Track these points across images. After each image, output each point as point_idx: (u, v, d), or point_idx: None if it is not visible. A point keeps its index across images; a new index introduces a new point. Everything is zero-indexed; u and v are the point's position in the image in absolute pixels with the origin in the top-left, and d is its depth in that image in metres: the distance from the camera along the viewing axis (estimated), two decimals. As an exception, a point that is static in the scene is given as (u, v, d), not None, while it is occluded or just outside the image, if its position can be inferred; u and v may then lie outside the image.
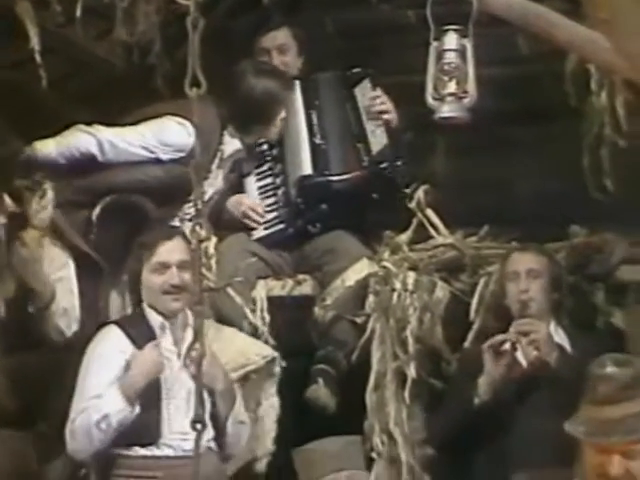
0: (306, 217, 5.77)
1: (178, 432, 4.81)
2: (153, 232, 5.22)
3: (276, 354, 5.23)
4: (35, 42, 5.25)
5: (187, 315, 4.91)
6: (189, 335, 4.89)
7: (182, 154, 5.50)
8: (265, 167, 5.91)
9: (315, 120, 5.89)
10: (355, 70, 5.96)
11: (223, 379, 4.76)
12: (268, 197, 5.86)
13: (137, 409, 4.82)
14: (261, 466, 5.17)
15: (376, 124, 5.86)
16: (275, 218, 5.81)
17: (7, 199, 5.18)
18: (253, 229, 5.79)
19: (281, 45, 5.96)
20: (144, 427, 4.86)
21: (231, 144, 5.73)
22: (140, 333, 4.98)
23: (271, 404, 5.22)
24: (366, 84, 5.94)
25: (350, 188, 5.78)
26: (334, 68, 6.02)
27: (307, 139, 5.86)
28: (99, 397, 4.80)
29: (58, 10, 5.21)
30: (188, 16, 3.25)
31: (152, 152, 5.57)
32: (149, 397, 4.87)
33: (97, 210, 5.52)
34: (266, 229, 5.80)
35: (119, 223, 5.54)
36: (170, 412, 4.89)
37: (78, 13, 5.20)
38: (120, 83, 5.92)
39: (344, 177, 5.79)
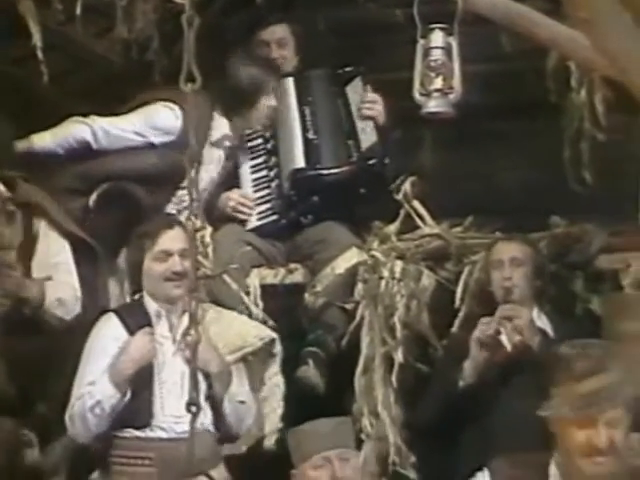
0: (298, 209, 5.76)
1: (171, 415, 4.83)
2: (154, 221, 5.23)
3: (274, 335, 5.23)
4: (37, 39, 5.25)
5: (185, 302, 4.91)
6: (185, 321, 4.90)
7: (172, 137, 5.54)
8: (260, 160, 5.90)
9: (308, 115, 5.88)
10: (347, 69, 5.95)
11: (217, 362, 4.76)
12: (262, 189, 5.85)
13: (128, 394, 4.84)
14: (270, 443, 5.17)
15: (366, 122, 5.85)
16: (268, 209, 5.80)
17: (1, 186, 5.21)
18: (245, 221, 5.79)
19: (280, 39, 5.96)
20: (137, 410, 4.87)
21: (219, 129, 5.73)
22: (136, 321, 4.99)
23: (275, 383, 5.23)
24: (357, 82, 5.94)
25: (341, 181, 5.78)
26: (325, 65, 6.02)
27: (300, 134, 5.84)
28: (93, 384, 4.82)
29: (59, 8, 5.21)
30: (184, 14, 3.26)
31: (144, 136, 5.62)
32: (142, 381, 4.88)
33: (94, 197, 5.53)
34: (259, 220, 5.79)
35: (114, 210, 5.54)
36: (163, 395, 4.90)
37: (78, 11, 5.20)
38: (119, 79, 5.92)
39: (335, 171, 5.79)
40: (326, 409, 4.99)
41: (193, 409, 3.53)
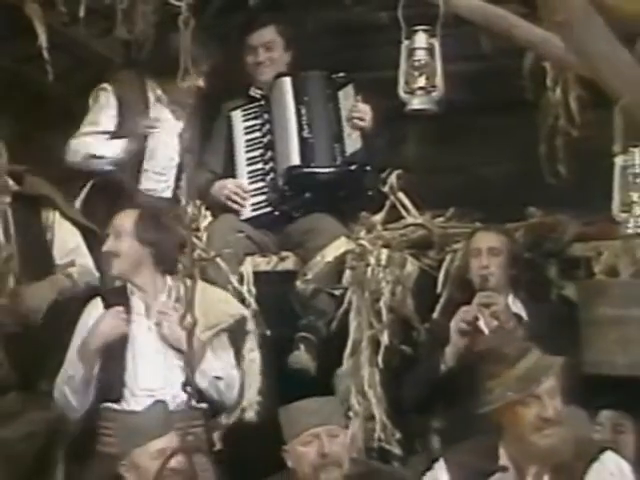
0: (291, 203, 5.75)
1: (145, 389, 4.85)
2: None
3: (246, 313, 5.17)
4: (43, 40, 5.25)
5: (163, 281, 4.96)
6: (161, 299, 4.94)
7: (113, 112, 5.59)
8: (256, 153, 5.87)
9: (304, 115, 5.83)
10: (341, 74, 5.91)
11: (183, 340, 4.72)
12: (257, 181, 5.83)
13: (95, 369, 4.89)
14: (250, 415, 5.15)
15: (351, 131, 5.83)
16: (263, 201, 5.78)
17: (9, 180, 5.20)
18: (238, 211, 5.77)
19: (267, 42, 5.89)
20: (111, 384, 4.93)
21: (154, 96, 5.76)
22: (116, 302, 5.03)
23: (252, 358, 5.18)
24: (350, 89, 5.90)
25: (332, 180, 5.77)
26: (316, 65, 5.98)
27: (296, 132, 5.79)
28: (68, 361, 4.91)
29: (63, 11, 5.20)
30: (180, 16, 3.26)
31: (104, 130, 5.62)
32: (114, 357, 4.93)
33: (87, 186, 5.62)
34: (253, 211, 5.78)
35: (105, 197, 5.58)
36: (137, 371, 4.93)
37: (81, 13, 5.19)
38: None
39: (327, 171, 5.77)
40: (317, 389, 5.00)
41: (188, 389, 3.53)
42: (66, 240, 5.34)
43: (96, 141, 5.63)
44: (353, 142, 5.81)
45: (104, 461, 4.70)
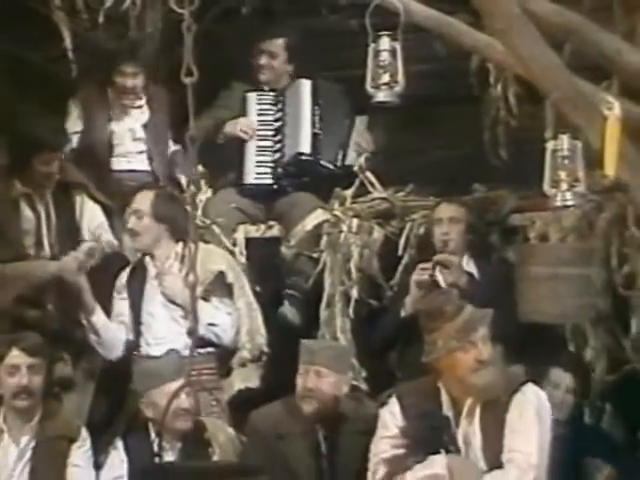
0: (290, 181, 5.74)
1: (155, 338, 4.87)
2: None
3: (222, 268, 5.06)
4: (68, 43, 5.24)
5: (174, 248, 4.94)
6: (168, 263, 4.95)
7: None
8: (267, 133, 5.81)
9: (317, 114, 5.78)
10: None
11: (181, 293, 4.72)
12: (263, 155, 5.79)
13: (119, 324, 4.97)
14: (245, 354, 5.09)
15: (355, 150, 5.84)
16: (266, 173, 5.76)
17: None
18: (242, 183, 5.74)
19: (272, 52, 5.83)
20: (132, 335, 4.98)
21: None
22: (137, 269, 5.06)
23: (238, 306, 5.10)
24: (365, 119, 5.88)
25: (330, 175, 5.77)
26: (310, 69, 5.94)
27: (309, 125, 5.76)
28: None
29: (85, 18, 5.17)
30: (184, 22, 3.26)
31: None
32: (134, 313, 4.98)
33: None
34: (256, 179, 5.76)
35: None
36: (150, 324, 4.94)
37: (101, 20, 5.16)
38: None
39: (329, 166, 5.77)
40: (300, 335, 5.03)
41: (192, 335, 3.55)
42: (92, 219, 5.33)
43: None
44: (351, 158, 5.83)
45: (131, 397, 4.73)
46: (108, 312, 5.05)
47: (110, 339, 4.97)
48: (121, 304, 5.05)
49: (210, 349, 4.95)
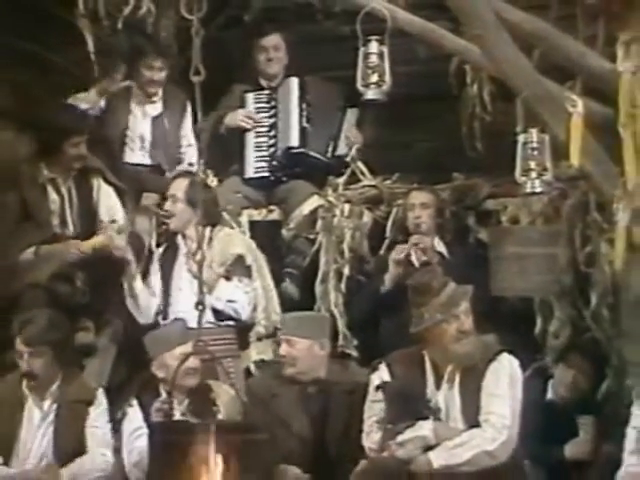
0: (284, 172, 5.69)
1: (179, 310, 4.87)
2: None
3: (240, 251, 5.07)
4: (90, 46, 5.22)
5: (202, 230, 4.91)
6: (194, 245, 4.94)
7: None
8: (262, 129, 5.78)
9: (304, 110, 5.73)
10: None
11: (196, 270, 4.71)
12: (260, 150, 5.77)
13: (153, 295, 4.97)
14: (260, 329, 5.08)
15: (345, 142, 5.79)
16: (263, 167, 5.73)
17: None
18: (244, 177, 5.72)
19: (276, 45, 5.80)
20: (160, 307, 5.00)
21: None
22: (171, 246, 5.10)
23: (255, 286, 5.10)
24: (355, 111, 5.81)
25: (320, 165, 5.72)
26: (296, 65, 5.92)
27: (297, 120, 5.71)
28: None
29: (106, 24, 5.14)
30: (192, 27, 3.25)
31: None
32: (164, 285, 5.02)
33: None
34: (255, 173, 5.73)
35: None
36: (179, 298, 4.94)
37: (120, 26, 5.14)
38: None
39: (319, 157, 5.73)
40: (300, 309, 5.03)
41: (200, 307, 3.56)
42: (108, 201, 5.30)
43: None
44: (341, 149, 5.78)
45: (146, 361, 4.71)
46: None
47: (145, 305, 5.01)
48: (154, 277, 5.07)
49: (230, 322, 4.96)
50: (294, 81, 5.76)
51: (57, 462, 4.28)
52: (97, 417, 4.31)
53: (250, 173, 5.72)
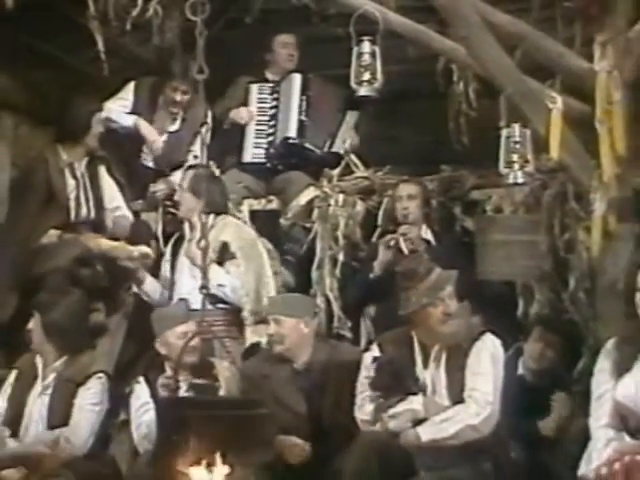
0: (280, 161, 5.68)
1: (182, 293, 4.86)
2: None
3: (227, 239, 4.99)
4: (101, 46, 5.20)
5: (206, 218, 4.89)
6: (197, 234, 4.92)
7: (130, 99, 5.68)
8: (263, 118, 5.77)
9: (304, 104, 5.71)
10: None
11: (199, 258, 4.56)
12: (259, 138, 5.75)
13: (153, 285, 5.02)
14: (245, 314, 5.02)
15: (342, 141, 5.77)
16: (261, 154, 5.72)
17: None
18: (241, 162, 5.71)
19: (293, 42, 5.83)
20: (166, 291, 5.01)
21: None
22: (180, 236, 5.10)
23: (241, 272, 5.01)
24: (355, 114, 5.80)
25: (315, 158, 5.70)
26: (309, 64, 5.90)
27: (297, 114, 5.70)
28: None
29: (115, 25, 5.13)
30: (196, 28, 3.24)
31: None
32: (171, 273, 5.01)
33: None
34: (253, 158, 5.72)
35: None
36: (182, 282, 4.93)
37: (128, 27, 5.13)
38: (154, 73, 5.81)
39: (314, 149, 5.70)
40: (295, 292, 5.03)
41: (204, 291, 3.55)
42: (111, 190, 5.30)
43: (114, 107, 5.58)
44: (338, 147, 5.75)
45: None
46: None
47: (157, 297, 5.03)
48: (166, 266, 5.08)
49: (224, 305, 4.93)
50: (297, 77, 5.76)
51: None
52: (84, 398, 4.25)
53: (248, 158, 5.71)
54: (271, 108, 5.79)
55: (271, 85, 5.82)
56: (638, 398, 3.30)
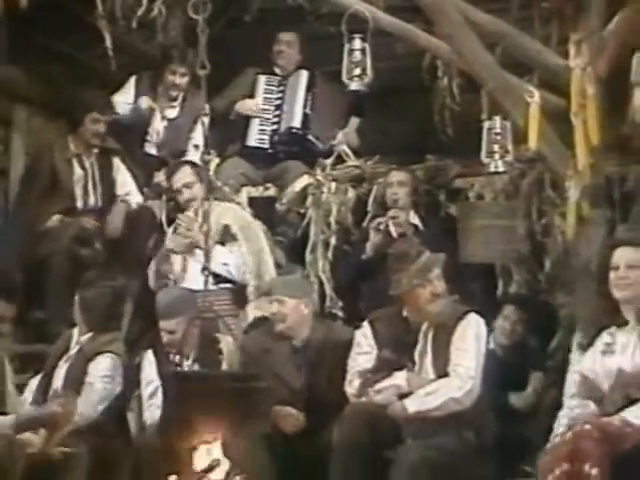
0: (283, 148, 5.67)
1: (192, 278, 4.84)
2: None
3: (227, 222, 5.00)
4: (108, 43, 5.19)
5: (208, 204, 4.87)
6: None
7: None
8: (269, 107, 5.76)
9: (310, 98, 5.71)
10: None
11: (202, 240, 4.58)
12: (264, 125, 5.74)
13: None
14: (250, 289, 5.00)
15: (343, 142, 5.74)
16: (265, 139, 5.71)
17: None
18: (245, 145, 5.69)
19: (288, 40, 5.80)
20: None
21: None
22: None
23: (242, 251, 5.02)
24: (357, 121, 5.80)
25: (316, 150, 5.69)
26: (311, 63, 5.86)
27: (302, 107, 5.70)
28: None
29: (122, 24, 5.12)
30: (198, 26, 3.23)
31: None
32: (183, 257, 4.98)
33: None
34: (257, 142, 5.71)
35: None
36: (190, 266, 4.90)
37: (134, 26, 5.11)
38: (158, 67, 5.76)
39: (314, 141, 5.68)
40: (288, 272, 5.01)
41: (205, 272, 3.54)
42: (124, 180, 5.32)
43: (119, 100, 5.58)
44: (339, 142, 5.70)
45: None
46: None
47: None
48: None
49: (227, 285, 4.91)
50: (304, 73, 5.76)
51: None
52: (94, 372, 4.20)
53: (252, 142, 5.69)
54: (277, 99, 5.78)
55: (279, 78, 5.81)
56: (596, 371, 3.36)
